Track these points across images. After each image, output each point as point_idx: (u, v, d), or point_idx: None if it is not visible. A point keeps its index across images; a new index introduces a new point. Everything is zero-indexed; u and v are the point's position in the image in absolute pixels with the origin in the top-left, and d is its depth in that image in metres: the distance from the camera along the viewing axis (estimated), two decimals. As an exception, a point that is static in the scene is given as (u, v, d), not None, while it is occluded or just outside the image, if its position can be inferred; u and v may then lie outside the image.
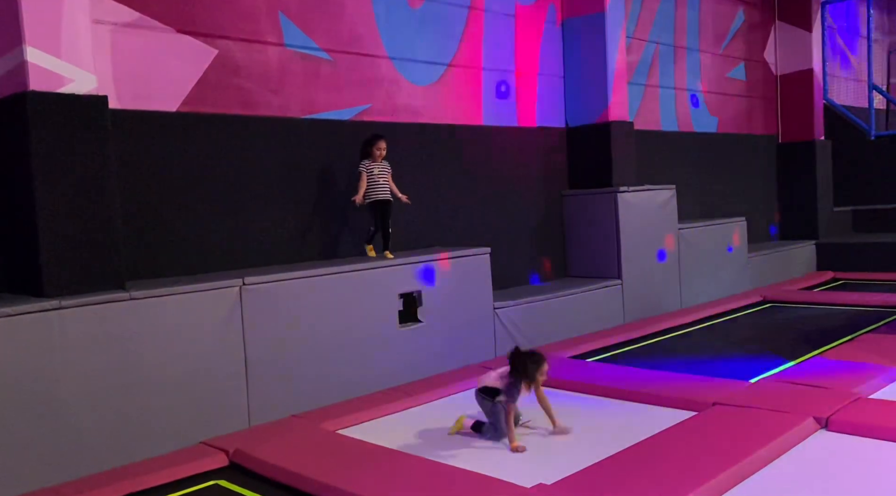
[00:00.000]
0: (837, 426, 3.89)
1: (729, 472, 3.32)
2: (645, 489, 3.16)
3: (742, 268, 8.83)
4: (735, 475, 3.34)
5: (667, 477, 3.28)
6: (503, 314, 6.14)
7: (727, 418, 4.03)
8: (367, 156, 5.43)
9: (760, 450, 3.54)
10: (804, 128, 10.69)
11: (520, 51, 7.28)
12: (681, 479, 3.23)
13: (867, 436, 3.78)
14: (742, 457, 3.46)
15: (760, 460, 3.51)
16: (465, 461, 3.68)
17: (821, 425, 3.93)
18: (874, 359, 5.03)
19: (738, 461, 3.41)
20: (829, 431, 3.90)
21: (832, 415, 3.94)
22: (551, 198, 7.58)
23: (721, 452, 3.51)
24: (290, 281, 4.67)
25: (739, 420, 3.97)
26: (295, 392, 4.67)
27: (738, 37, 10.19)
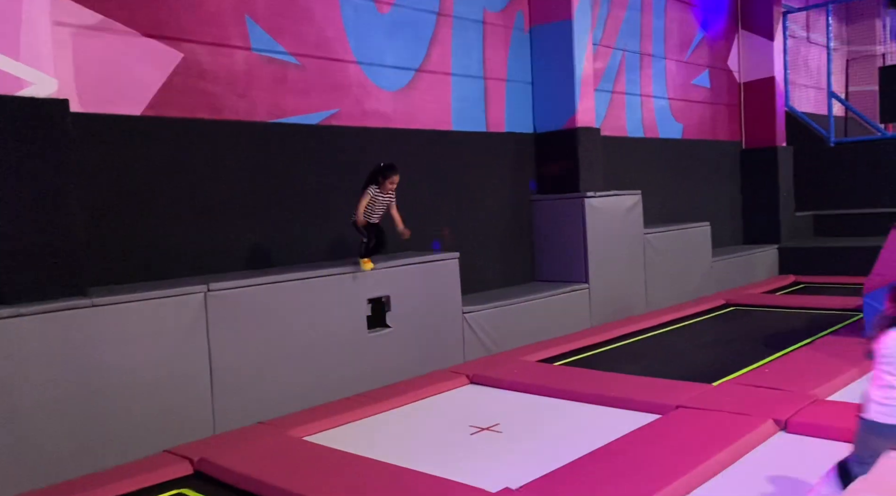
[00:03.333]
0: (796, 428, 3.99)
1: (691, 475, 3.38)
2: (609, 492, 3.20)
3: (706, 272, 8.98)
4: (697, 477, 3.40)
5: (631, 479, 3.32)
6: (472, 319, 6.16)
7: (690, 421, 4.10)
8: (375, 182, 5.16)
9: (721, 453, 3.61)
10: (767, 134, 10.93)
11: (489, 57, 7.33)
12: (644, 482, 3.28)
13: (825, 438, 3.86)
14: (704, 459, 3.52)
15: (721, 462, 3.57)
16: (432, 467, 3.69)
17: (780, 427, 4.02)
18: (833, 362, 5.16)
19: (700, 463, 3.47)
20: (787, 433, 3.99)
21: (791, 418, 4.03)
22: (520, 203, 7.64)
23: (683, 455, 3.57)
24: (256, 287, 4.63)
25: (702, 423, 4.04)
26: (261, 399, 4.63)
27: (702, 44, 10.39)
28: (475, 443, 4.17)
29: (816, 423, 3.96)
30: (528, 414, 4.54)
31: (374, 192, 5.15)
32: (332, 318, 5.04)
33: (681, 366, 5.70)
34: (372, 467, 3.68)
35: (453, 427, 4.46)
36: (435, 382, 5.34)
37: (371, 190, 5.15)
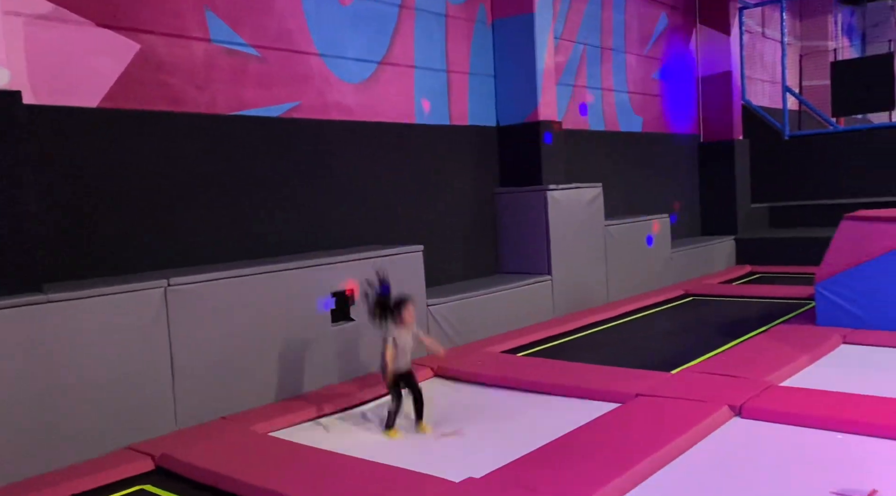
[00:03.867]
0: (750, 413, 4.11)
1: (649, 460, 3.46)
2: (569, 479, 3.26)
3: (665, 263, 9.16)
4: (655, 462, 3.49)
5: (591, 466, 3.39)
6: (436, 311, 6.19)
7: (649, 408, 4.19)
8: (391, 321, 4.32)
9: (679, 439, 3.70)
10: (724, 128, 11.17)
11: (451, 50, 7.34)
12: (604, 468, 3.35)
13: (777, 422, 3.99)
14: (661, 445, 3.60)
15: (679, 448, 3.67)
16: (396, 459, 3.71)
17: (735, 413, 4.14)
18: (786, 349, 5.32)
19: (657, 449, 3.56)
20: (742, 418, 4.10)
21: (745, 403, 4.15)
22: (484, 195, 7.68)
23: (642, 441, 3.65)
24: (218, 281, 4.59)
25: (660, 410, 4.14)
26: (224, 394, 4.59)
27: (661, 39, 10.55)
28: (441, 434, 4.20)
29: (770, 409, 4.09)
30: (492, 405, 4.59)
31: (396, 333, 4.27)
32: (295, 312, 5.02)
33: (641, 355, 5.82)
34: (336, 461, 3.69)
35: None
36: (399, 375, 5.35)
37: (391, 334, 4.27)
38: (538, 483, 3.25)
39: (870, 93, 11.28)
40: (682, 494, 3.21)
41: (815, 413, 3.96)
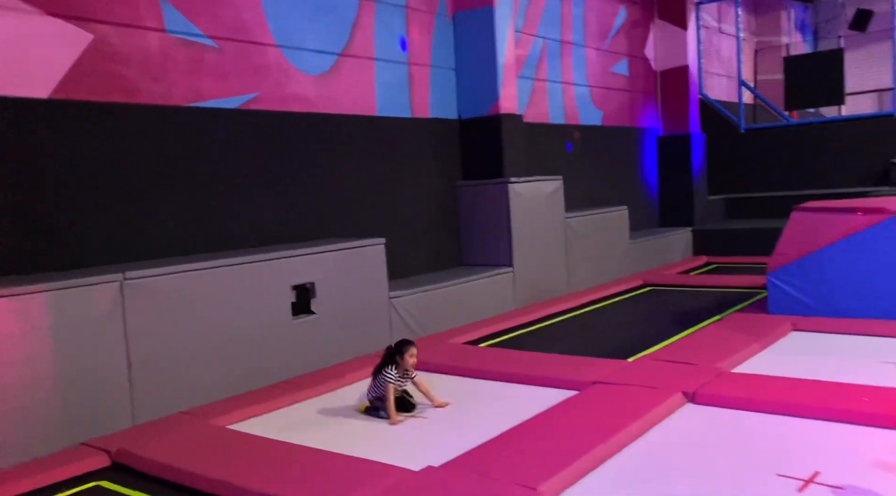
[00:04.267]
0: (703, 399, 4.22)
1: (604, 445, 3.54)
2: (526, 464, 3.32)
3: (624, 254, 9.32)
4: (610, 447, 3.57)
5: (547, 452, 3.46)
6: (398, 303, 6.22)
7: (605, 395, 4.28)
8: (394, 365, 4.30)
9: (633, 425, 3.79)
10: (681, 121, 11.37)
11: (412, 42, 7.35)
12: (560, 454, 3.41)
13: (729, 408, 4.11)
14: (616, 431, 3.69)
15: (633, 433, 3.76)
16: (357, 449, 3.74)
17: (688, 399, 4.25)
18: (738, 337, 5.47)
19: (612, 435, 3.64)
20: (695, 404, 4.22)
21: (698, 390, 4.27)
22: (446, 188, 7.71)
23: (598, 427, 3.73)
24: (176, 274, 4.54)
25: (616, 397, 4.23)
26: (183, 389, 4.56)
27: (620, 33, 10.69)
28: (401, 426, 4.23)
29: (721, 395, 4.21)
30: (453, 395, 4.63)
31: (395, 378, 4.28)
32: (255, 305, 5.00)
33: (599, 344, 5.92)
34: (295, 452, 3.70)
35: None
36: (361, 367, 5.36)
37: (391, 378, 4.27)
38: (496, 469, 3.30)
39: (821, 87, 11.59)
40: (636, 478, 3.29)
41: (763, 398, 4.09)
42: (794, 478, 3.15)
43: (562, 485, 3.19)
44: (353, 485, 3.21)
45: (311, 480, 3.31)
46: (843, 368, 4.64)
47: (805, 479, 3.13)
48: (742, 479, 3.19)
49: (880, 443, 3.49)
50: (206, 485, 3.42)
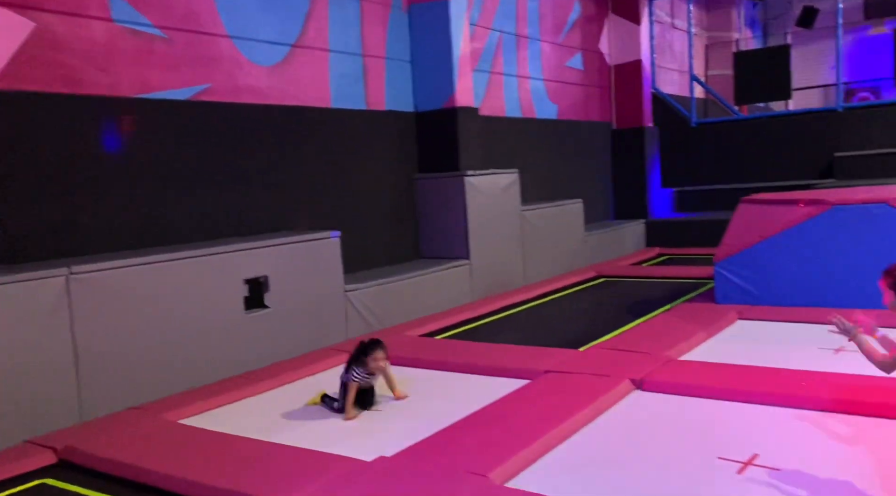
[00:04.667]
0: (650, 386, 4.34)
1: (555, 432, 3.62)
2: (477, 452, 3.38)
3: (579, 246, 9.46)
4: (560, 434, 3.65)
5: (498, 440, 3.52)
6: (354, 297, 6.22)
7: (556, 384, 4.37)
8: (360, 365, 4.27)
9: (583, 411, 3.88)
10: (635, 115, 11.56)
11: (367, 34, 7.32)
12: (510, 441, 3.48)
13: (675, 394, 4.24)
14: (566, 417, 3.77)
15: (583, 420, 3.85)
16: (310, 442, 3.75)
17: (636, 386, 4.36)
18: (686, 326, 5.62)
19: (562, 421, 3.72)
20: (643, 391, 4.33)
21: (645, 377, 4.38)
22: (403, 181, 7.72)
23: (548, 415, 3.81)
24: (123, 269, 4.47)
25: (567, 385, 4.32)
26: (133, 384, 4.49)
27: (575, 28, 10.81)
28: (356, 418, 4.25)
29: (668, 381, 4.33)
30: (409, 387, 4.65)
31: (361, 377, 4.25)
32: (206, 300, 4.95)
33: (553, 334, 6.02)
34: (248, 446, 3.69)
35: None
36: (316, 361, 5.36)
37: (355, 378, 4.24)
38: (447, 457, 3.35)
39: (769, 82, 11.89)
40: (584, 463, 3.37)
41: (707, 384, 4.22)
42: (734, 460, 3.27)
43: (512, 471, 3.25)
44: (304, 476, 3.22)
45: (262, 473, 3.31)
46: (785, 355, 4.80)
47: (744, 462, 3.25)
48: (685, 463, 3.30)
49: (817, 425, 3.64)
50: (157, 479, 3.39)
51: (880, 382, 3.87)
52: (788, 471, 3.12)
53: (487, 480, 3.09)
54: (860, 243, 5.84)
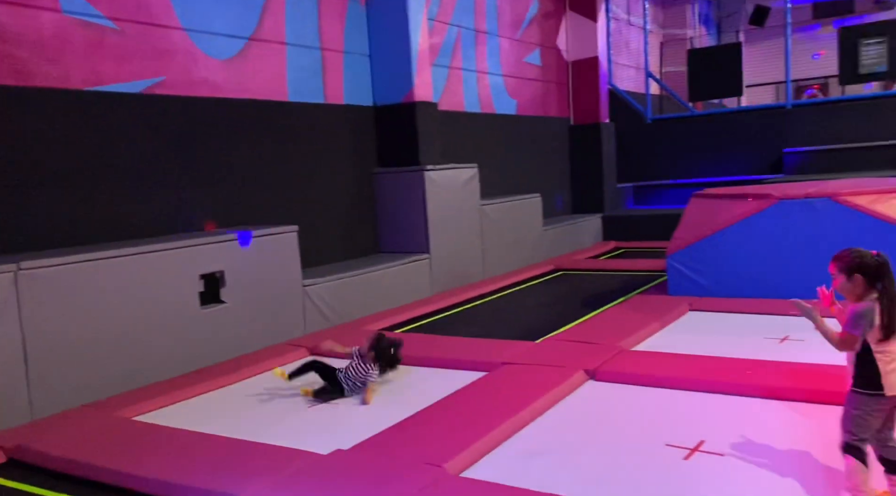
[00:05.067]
0: (603, 376, 4.44)
1: (510, 422, 3.69)
2: (433, 444, 3.42)
3: (537, 240, 9.58)
4: (516, 423, 3.72)
5: (454, 431, 3.57)
6: (312, 291, 6.20)
7: (513, 375, 4.44)
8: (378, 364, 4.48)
9: (538, 402, 3.96)
10: (592, 111, 11.73)
11: (325, 27, 7.29)
12: (466, 432, 3.53)
13: (627, 383, 4.35)
14: (522, 407, 3.85)
15: (538, 410, 3.92)
16: (266, 436, 3.75)
17: (589, 376, 4.46)
18: (639, 317, 5.76)
19: (518, 411, 3.80)
20: (596, 381, 4.43)
21: (599, 367, 4.49)
22: (362, 175, 7.71)
23: (504, 406, 3.88)
24: (74, 265, 4.40)
25: (523, 376, 4.39)
26: (86, 381, 4.43)
27: (533, 23, 10.91)
28: (312, 412, 4.27)
29: (620, 371, 4.44)
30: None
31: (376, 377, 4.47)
32: (161, 296, 4.89)
33: (511, 327, 6.11)
34: (205, 441, 3.68)
35: (293, 398, 4.51)
36: (274, 356, 5.35)
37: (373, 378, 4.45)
38: (403, 449, 3.39)
39: (722, 79, 12.17)
40: (538, 452, 3.44)
41: (658, 374, 4.34)
42: (682, 447, 3.38)
43: (467, 461, 3.31)
44: (260, 470, 3.23)
45: (218, 468, 3.30)
46: (733, 345, 4.95)
47: (691, 448, 3.36)
48: (635, 450, 3.39)
49: (762, 412, 3.78)
50: (110, 477, 3.36)
51: (823, 370, 4.04)
52: (733, 457, 3.24)
53: (442, 470, 3.14)
54: (805, 236, 6.05)
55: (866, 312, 2.62)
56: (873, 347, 2.62)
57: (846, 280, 2.69)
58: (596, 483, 3.08)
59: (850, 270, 2.68)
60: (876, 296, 2.63)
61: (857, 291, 2.67)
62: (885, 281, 2.62)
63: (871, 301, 2.64)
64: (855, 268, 2.66)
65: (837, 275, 2.74)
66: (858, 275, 2.66)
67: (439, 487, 2.97)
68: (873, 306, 2.62)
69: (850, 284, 2.68)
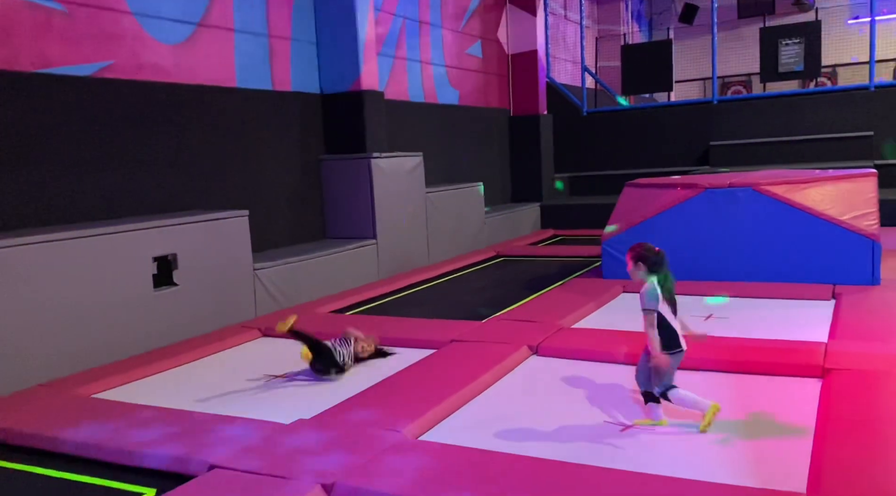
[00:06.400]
0: (545, 351, 4.76)
1: (459, 394, 3.95)
2: (391, 412, 3.65)
3: (480, 228, 9.89)
4: (465, 395, 3.98)
5: (409, 402, 3.81)
6: (263, 275, 6.32)
7: (461, 352, 4.71)
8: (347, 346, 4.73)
9: (485, 375, 4.23)
10: (531, 103, 12.10)
11: (272, 15, 7.35)
12: (421, 402, 3.78)
13: (567, 358, 4.68)
14: (471, 380, 4.11)
15: (485, 383, 4.20)
16: (227, 410, 3.90)
17: (532, 351, 4.78)
18: (577, 298, 6.12)
19: (467, 384, 4.06)
20: (539, 356, 4.75)
21: (541, 343, 4.80)
22: (309, 162, 7.83)
23: (453, 379, 4.13)
24: (31, 245, 4.42)
25: (470, 352, 4.66)
26: (41, 362, 4.46)
27: (475, 16, 11.17)
28: (269, 388, 4.43)
29: (561, 347, 4.77)
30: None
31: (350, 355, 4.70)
32: (114, 277, 4.94)
33: (457, 308, 6.38)
34: (166, 414, 3.79)
35: (249, 376, 4.66)
36: (227, 337, 5.47)
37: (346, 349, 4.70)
38: (363, 417, 3.61)
39: (653, 75, 12.74)
40: (488, 420, 3.72)
41: (595, 349, 4.68)
42: (618, 422, 3.66)
43: (423, 427, 3.56)
44: (225, 438, 3.39)
45: (183, 436, 3.43)
46: (662, 322, 5.35)
47: (627, 424, 3.64)
48: (575, 422, 3.65)
49: (688, 382, 4.14)
50: (73, 448, 3.45)
51: (742, 343, 4.46)
52: (665, 429, 3.53)
53: (402, 435, 3.38)
54: (729, 222, 6.53)
55: (649, 289, 3.38)
56: (666, 316, 3.40)
57: (633, 266, 3.48)
58: (539, 445, 3.37)
59: (635, 259, 3.47)
60: (655, 279, 3.39)
61: (638, 274, 3.47)
62: (661, 269, 3.42)
63: (650, 283, 3.39)
64: (638, 257, 3.46)
65: (628, 261, 3.51)
66: (641, 263, 3.45)
67: (400, 449, 3.20)
68: (652, 285, 3.37)
69: (635, 269, 3.47)
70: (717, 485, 2.79)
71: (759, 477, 2.91)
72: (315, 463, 3.09)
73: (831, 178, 6.56)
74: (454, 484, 2.85)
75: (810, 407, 3.61)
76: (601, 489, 2.76)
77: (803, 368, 4.10)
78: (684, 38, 16.41)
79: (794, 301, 5.86)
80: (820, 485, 2.72)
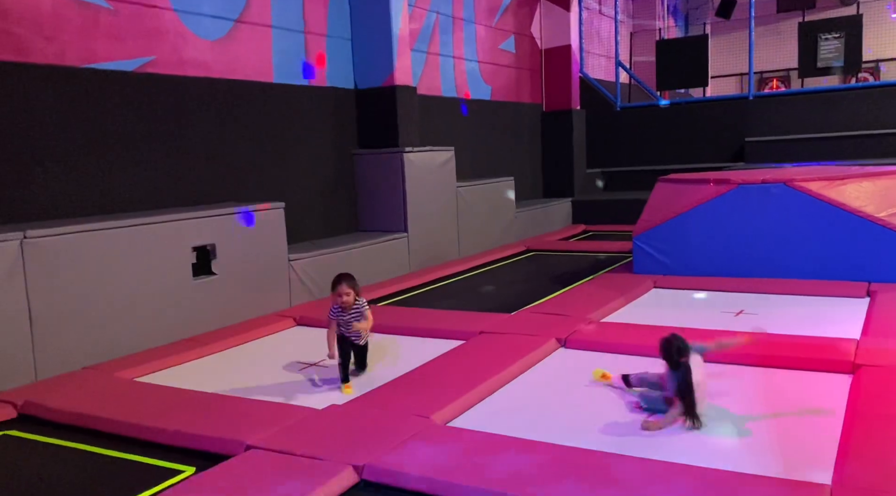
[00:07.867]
0: (573, 344, 4.81)
1: (488, 383, 4.02)
2: (421, 399, 3.74)
3: (510, 222, 9.94)
4: (493, 385, 4.06)
5: (438, 389, 3.90)
6: (297, 266, 6.46)
7: (489, 343, 4.78)
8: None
9: (513, 366, 4.30)
10: (563, 98, 12.09)
11: (308, 12, 7.49)
12: (450, 390, 3.86)
13: (594, 351, 4.71)
14: (499, 370, 4.19)
15: (513, 373, 4.26)
16: (263, 396, 4.03)
17: (561, 344, 4.83)
18: (607, 293, 6.14)
19: (495, 374, 4.13)
20: (566, 348, 4.80)
21: (569, 336, 4.85)
22: (342, 156, 7.96)
23: (481, 369, 4.21)
24: (76, 234, 4.61)
25: (499, 344, 4.74)
26: (86, 346, 4.66)
27: (508, 11, 11.19)
28: (304, 376, 4.55)
29: (589, 340, 4.81)
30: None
31: (337, 314, 4.26)
32: (156, 266, 5.12)
33: (486, 301, 6.45)
34: (205, 398, 3.94)
35: (283, 363, 4.79)
36: (263, 325, 5.62)
37: (334, 314, 4.27)
38: (394, 403, 3.71)
39: (688, 70, 12.62)
40: (514, 409, 3.79)
41: (623, 342, 4.71)
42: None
43: (452, 414, 3.64)
44: (261, 422, 3.52)
45: (220, 420, 3.57)
46: (693, 318, 5.36)
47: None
48: (601, 408, 3.75)
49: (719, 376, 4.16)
50: (117, 427, 3.61)
51: (774, 339, 4.45)
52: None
53: (430, 421, 3.47)
54: (761, 218, 6.49)
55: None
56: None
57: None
58: (565, 434, 3.43)
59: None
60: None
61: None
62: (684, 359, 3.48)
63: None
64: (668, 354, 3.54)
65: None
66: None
67: (428, 434, 3.29)
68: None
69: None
70: (744, 474, 2.82)
71: (785, 467, 2.93)
72: (347, 445, 3.20)
73: (868, 174, 6.47)
74: (481, 467, 2.93)
75: (839, 402, 3.61)
76: (626, 476, 2.82)
77: (833, 364, 4.09)
78: (721, 33, 16.21)
79: (828, 298, 5.81)
80: (845, 476, 2.74)
